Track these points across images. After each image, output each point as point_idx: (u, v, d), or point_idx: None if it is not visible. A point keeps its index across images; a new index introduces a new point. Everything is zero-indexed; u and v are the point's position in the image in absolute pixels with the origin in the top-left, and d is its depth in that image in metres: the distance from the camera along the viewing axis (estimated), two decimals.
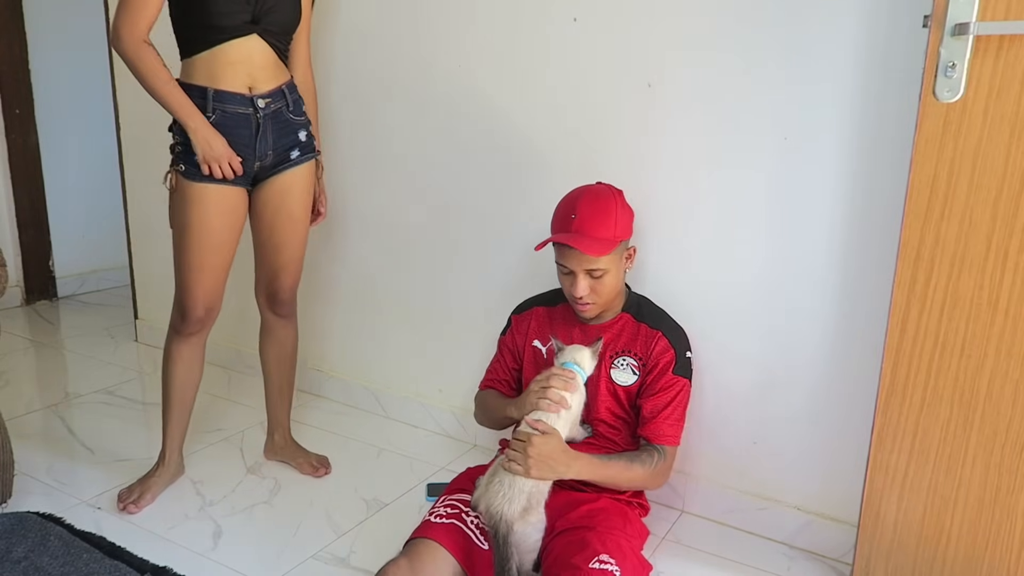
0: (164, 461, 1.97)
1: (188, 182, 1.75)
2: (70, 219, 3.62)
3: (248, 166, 1.78)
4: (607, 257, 1.59)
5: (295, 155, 1.85)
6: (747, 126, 1.71)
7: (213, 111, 1.72)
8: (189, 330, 1.88)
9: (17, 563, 1.61)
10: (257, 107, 1.75)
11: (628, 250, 1.68)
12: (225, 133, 1.72)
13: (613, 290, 1.65)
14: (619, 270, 1.65)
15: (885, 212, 1.59)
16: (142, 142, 2.88)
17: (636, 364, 1.68)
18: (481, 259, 2.17)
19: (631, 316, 1.71)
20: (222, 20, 1.68)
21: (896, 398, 1.50)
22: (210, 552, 1.74)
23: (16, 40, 3.32)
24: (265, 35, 1.74)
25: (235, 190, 1.79)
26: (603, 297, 1.64)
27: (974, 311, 1.40)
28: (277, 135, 1.80)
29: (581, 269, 1.60)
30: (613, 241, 1.60)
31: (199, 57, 1.72)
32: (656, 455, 1.62)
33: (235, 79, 1.72)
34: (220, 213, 1.78)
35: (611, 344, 1.70)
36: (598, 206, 1.61)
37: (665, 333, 1.67)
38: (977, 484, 1.46)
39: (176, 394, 1.93)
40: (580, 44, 1.88)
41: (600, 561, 1.43)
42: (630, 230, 1.66)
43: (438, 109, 2.14)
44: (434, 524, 1.55)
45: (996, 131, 1.33)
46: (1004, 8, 1.29)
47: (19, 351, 2.99)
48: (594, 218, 1.60)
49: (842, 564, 1.76)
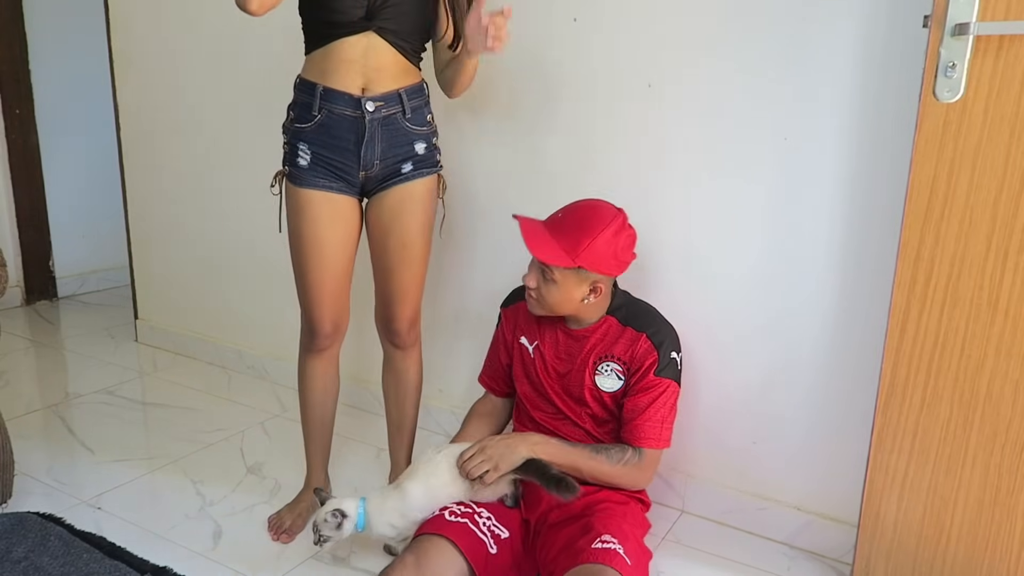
0: (309, 484, 1.88)
1: (294, 187, 1.65)
2: (70, 219, 3.62)
3: (352, 175, 1.64)
4: (560, 269, 1.55)
5: (407, 169, 1.66)
6: (747, 126, 1.71)
7: (319, 110, 1.60)
8: (320, 346, 1.77)
9: (17, 563, 1.61)
10: (365, 110, 1.59)
11: (594, 284, 1.59)
12: (328, 135, 1.61)
13: (558, 304, 1.60)
14: (571, 292, 1.58)
15: (885, 212, 1.59)
16: (142, 142, 2.88)
17: (620, 369, 1.64)
18: (481, 259, 2.17)
19: (616, 320, 1.66)
20: (334, 16, 1.55)
21: (896, 398, 1.50)
22: (210, 552, 1.74)
23: (16, 40, 3.32)
24: (384, 33, 1.58)
25: (344, 198, 1.65)
26: (546, 302, 1.61)
27: (974, 311, 1.40)
28: (387, 144, 1.64)
29: (537, 262, 1.59)
30: (567, 258, 1.54)
31: (316, 53, 1.62)
32: (629, 452, 1.61)
33: (346, 78, 1.58)
34: (330, 222, 1.65)
35: (594, 349, 1.66)
36: (587, 220, 1.57)
37: (650, 335, 1.62)
38: (977, 484, 1.46)
39: (315, 412, 1.84)
40: (580, 44, 1.88)
41: (602, 541, 1.43)
42: (606, 267, 1.57)
43: (437, 109, 2.13)
44: (446, 521, 1.54)
45: (996, 131, 1.33)
46: (1004, 8, 1.29)
47: (19, 351, 2.99)
48: (573, 226, 1.56)
49: (842, 564, 1.76)
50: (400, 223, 1.69)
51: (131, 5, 2.75)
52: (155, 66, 2.75)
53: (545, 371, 1.71)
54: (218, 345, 2.84)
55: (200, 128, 2.70)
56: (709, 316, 1.82)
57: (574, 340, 1.68)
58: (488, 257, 2.16)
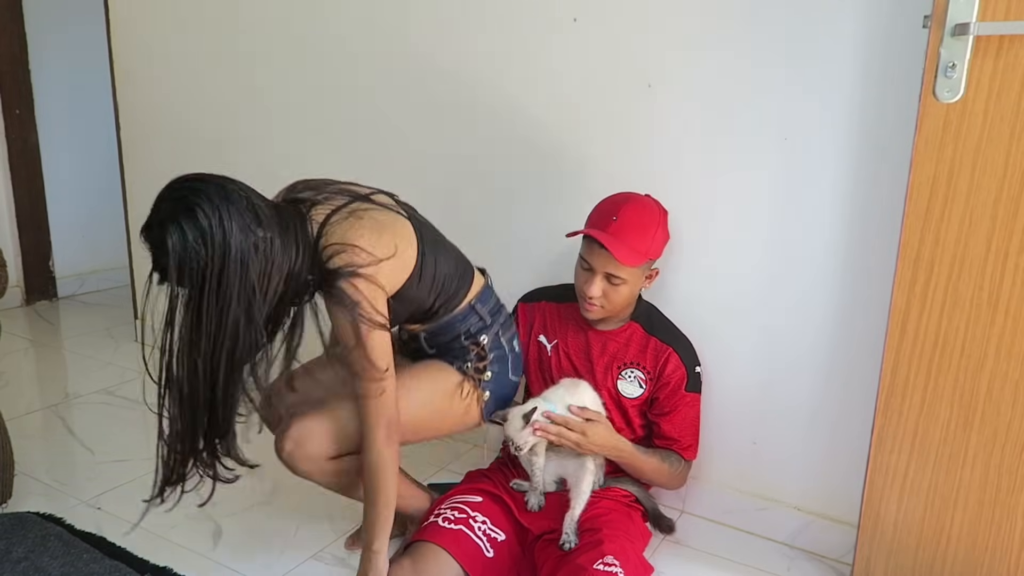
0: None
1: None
2: (70, 219, 3.62)
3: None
4: (631, 269, 1.59)
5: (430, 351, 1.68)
6: (747, 127, 1.71)
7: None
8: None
9: (17, 563, 1.61)
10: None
11: (651, 270, 1.68)
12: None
13: (624, 302, 1.65)
14: (637, 285, 1.65)
15: (885, 212, 1.59)
16: (142, 142, 2.88)
17: (644, 377, 1.69)
18: (480, 258, 2.16)
19: (640, 326, 1.72)
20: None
21: (896, 398, 1.50)
22: (210, 552, 1.74)
23: (16, 40, 3.32)
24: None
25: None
26: (613, 305, 1.64)
27: (974, 311, 1.40)
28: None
29: (602, 271, 1.60)
30: (644, 255, 1.61)
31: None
32: (682, 463, 1.73)
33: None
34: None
35: (619, 354, 1.70)
36: (642, 217, 1.61)
37: (677, 350, 1.69)
38: (977, 484, 1.46)
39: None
40: (580, 44, 1.88)
41: (605, 564, 1.43)
42: (661, 252, 1.67)
43: (437, 110, 2.14)
44: (441, 528, 1.55)
45: (996, 131, 1.33)
46: (1004, 8, 1.28)
47: (19, 351, 2.99)
48: (634, 227, 1.59)
49: (842, 564, 1.76)
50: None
51: (131, 5, 2.75)
52: (155, 66, 2.75)
53: (561, 370, 1.73)
54: None
55: (200, 128, 2.70)
56: (709, 316, 1.82)
57: (599, 343, 1.72)
58: (488, 257, 2.15)
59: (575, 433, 1.54)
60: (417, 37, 2.13)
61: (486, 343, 1.61)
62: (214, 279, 1.27)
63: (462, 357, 1.61)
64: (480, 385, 1.61)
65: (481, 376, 1.61)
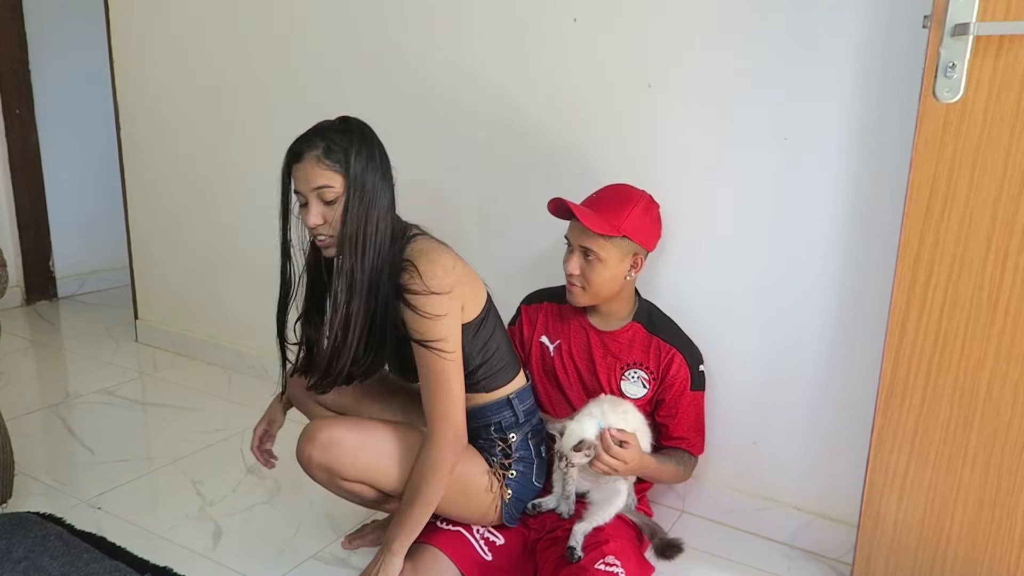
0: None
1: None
2: (70, 219, 3.62)
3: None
4: (604, 242, 1.58)
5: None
6: (747, 127, 1.71)
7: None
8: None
9: (17, 563, 1.61)
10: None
11: (634, 257, 1.64)
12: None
13: (604, 284, 1.63)
14: (616, 268, 1.62)
15: (885, 212, 1.59)
16: (142, 142, 2.88)
17: (647, 377, 1.69)
18: (480, 258, 2.16)
19: (642, 326, 1.71)
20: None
21: (896, 398, 1.50)
22: (210, 552, 1.74)
23: (16, 40, 3.32)
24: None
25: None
26: (593, 288, 1.63)
27: (974, 311, 1.40)
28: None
29: (577, 244, 1.62)
30: (617, 228, 1.58)
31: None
32: (693, 460, 1.76)
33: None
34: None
35: (621, 355, 1.71)
36: (620, 196, 1.63)
37: (680, 349, 1.69)
38: (977, 484, 1.46)
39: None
40: (580, 44, 1.88)
41: (606, 563, 1.44)
42: (644, 238, 1.64)
43: (437, 110, 2.14)
44: (440, 531, 1.56)
45: (996, 131, 1.33)
46: (1004, 8, 1.28)
47: (19, 351, 2.99)
48: (610, 201, 1.62)
49: (842, 564, 1.76)
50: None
51: (131, 5, 2.75)
52: (155, 66, 2.75)
53: (564, 371, 1.73)
54: (218, 345, 2.84)
55: (200, 128, 2.70)
56: (709, 316, 1.82)
57: (601, 342, 1.71)
58: (486, 256, 2.16)
59: (616, 460, 1.50)
60: (416, 37, 2.13)
61: (514, 442, 1.58)
62: (364, 159, 1.54)
63: (488, 450, 1.59)
64: (504, 481, 1.59)
65: (506, 472, 1.59)
